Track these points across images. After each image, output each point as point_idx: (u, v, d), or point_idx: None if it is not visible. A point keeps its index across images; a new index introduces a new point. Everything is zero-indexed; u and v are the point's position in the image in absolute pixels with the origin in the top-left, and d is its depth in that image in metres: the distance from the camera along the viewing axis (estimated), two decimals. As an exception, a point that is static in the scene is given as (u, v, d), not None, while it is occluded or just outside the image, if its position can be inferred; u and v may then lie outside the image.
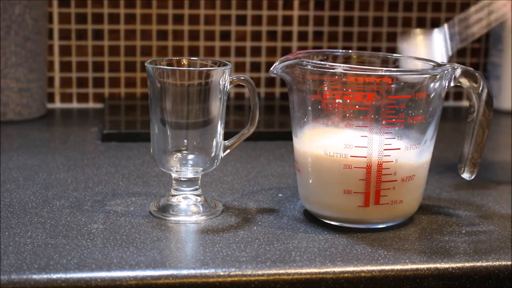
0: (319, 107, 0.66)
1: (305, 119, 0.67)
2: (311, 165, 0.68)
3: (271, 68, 0.67)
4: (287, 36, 1.21)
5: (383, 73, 0.64)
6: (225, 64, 0.69)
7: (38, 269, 0.57)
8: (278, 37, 1.21)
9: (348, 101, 0.65)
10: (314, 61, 0.66)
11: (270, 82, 1.22)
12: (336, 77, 0.64)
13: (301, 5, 1.20)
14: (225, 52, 1.20)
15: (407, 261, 0.61)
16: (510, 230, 0.68)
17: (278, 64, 0.66)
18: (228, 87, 0.69)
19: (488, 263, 0.61)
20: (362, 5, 1.22)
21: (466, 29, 0.84)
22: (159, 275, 0.58)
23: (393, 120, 0.65)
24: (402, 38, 0.89)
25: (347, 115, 0.65)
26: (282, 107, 1.20)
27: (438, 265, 0.61)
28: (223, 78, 0.68)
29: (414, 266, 0.61)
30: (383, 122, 0.65)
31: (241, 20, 1.19)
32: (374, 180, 0.65)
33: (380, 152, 0.65)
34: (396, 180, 0.66)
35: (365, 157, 0.65)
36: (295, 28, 1.21)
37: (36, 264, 0.58)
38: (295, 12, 1.20)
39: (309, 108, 0.67)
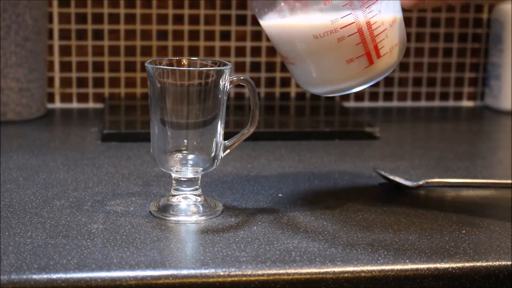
0: None
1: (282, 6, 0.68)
2: (306, 52, 0.68)
3: None
4: (287, 36, 1.21)
5: None
6: (225, 64, 0.69)
7: (38, 269, 0.57)
8: (278, 37, 1.21)
9: None
10: None
11: (270, 82, 1.22)
12: None
13: (301, 5, 1.20)
14: (225, 52, 1.20)
15: (407, 261, 0.61)
16: (510, 230, 0.68)
17: None
18: (228, 87, 0.69)
19: (488, 263, 0.61)
20: (362, 5, 1.22)
21: None
22: (159, 275, 0.58)
23: None
24: None
25: None
26: (282, 107, 1.20)
27: (438, 265, 0.61)
28: (223, 78, 0.68)
29: (414, 266, 0.61)
30: None
31: (241, 20, 1.19)
32: (369, 38, 0.67)
33: (364, 11, 0.66)
34: (386, 29, 0.67)
35: (353, 22, 0.66)
36: (295, 28, 1.21)
37: (36, 264, 0.58)
38: (295, 12, 1.20)
39: None
